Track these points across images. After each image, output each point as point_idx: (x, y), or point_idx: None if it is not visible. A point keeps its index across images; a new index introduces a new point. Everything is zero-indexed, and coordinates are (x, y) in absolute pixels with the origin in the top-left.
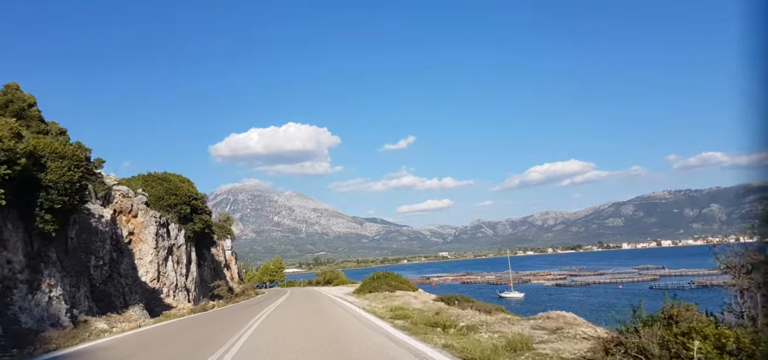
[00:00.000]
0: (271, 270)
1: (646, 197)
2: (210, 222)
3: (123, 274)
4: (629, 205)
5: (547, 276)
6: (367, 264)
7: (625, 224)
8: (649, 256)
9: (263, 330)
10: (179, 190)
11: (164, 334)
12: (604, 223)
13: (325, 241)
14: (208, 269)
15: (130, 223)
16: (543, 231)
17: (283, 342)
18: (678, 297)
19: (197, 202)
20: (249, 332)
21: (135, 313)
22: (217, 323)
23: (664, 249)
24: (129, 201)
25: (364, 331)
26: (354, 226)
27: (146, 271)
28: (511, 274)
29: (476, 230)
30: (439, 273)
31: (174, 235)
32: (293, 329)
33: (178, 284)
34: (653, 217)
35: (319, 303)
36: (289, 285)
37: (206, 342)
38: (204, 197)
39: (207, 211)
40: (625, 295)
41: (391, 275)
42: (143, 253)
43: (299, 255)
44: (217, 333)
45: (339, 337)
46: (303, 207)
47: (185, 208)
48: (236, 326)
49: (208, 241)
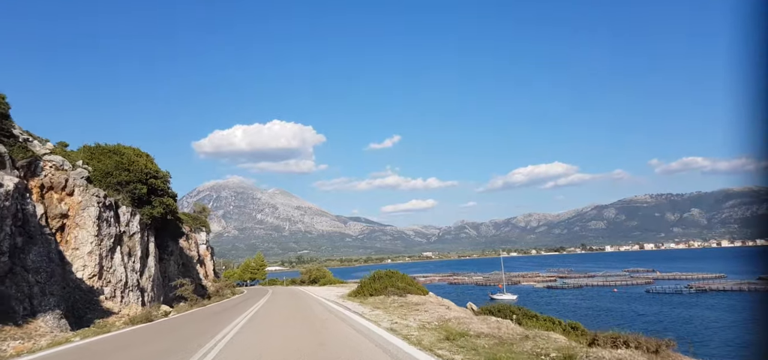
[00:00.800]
0: (252, 268)
1: (628, 201)
2: (174, 208)
3: (32, 269)
4: (611, 208)
5: (536, 277)
6: (351, 263)
7: (607, 227)
8: (634, 258)
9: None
10: (134, 165)
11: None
12: (586, 226)
13: (309, 240)
14: (175, 265)
15: (64, 203)
16: (526, 232)
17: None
18: (679, 302)
19: (157, 181)
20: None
21: (46, 325)
22: (139, 351)
23: (648, 252)
24: (62, 175)
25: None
26: (338, 225)
27: (83, 265)
28: (503, 276)
29: (460, 231)
30: (424, 273)
31: (125, 220)
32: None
33: (129, 282)
34: (635, 220)
35: (311, 311)
36: (271, 283)
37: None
38: (166, 176)
39: (171, 194)
40: (621, 299)
41: (397, 275)
42: (80, 241)
43: (282, 253)
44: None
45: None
46: (286, 205)
47: (141, 188)
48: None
49: (175, 230)
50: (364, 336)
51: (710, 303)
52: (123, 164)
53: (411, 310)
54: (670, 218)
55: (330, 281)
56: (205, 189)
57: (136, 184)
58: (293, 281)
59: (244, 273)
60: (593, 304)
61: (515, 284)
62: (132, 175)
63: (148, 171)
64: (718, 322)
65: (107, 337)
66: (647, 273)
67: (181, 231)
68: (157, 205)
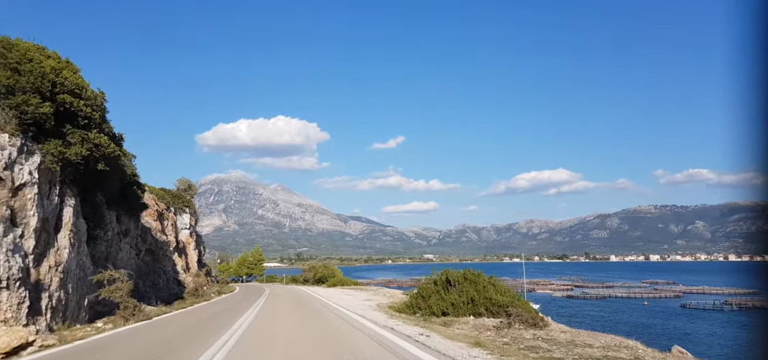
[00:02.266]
0: (249, 262)
1: (632, 211)
2: (115, 153)
3: None
4: (614, 217)
5: (551, 285)
6: (351, 263)
7: (610, 236)
8: (642, 269)
9: None
10: (34, 70)
11: None
12: (588, 235)
13: (309, 237)
14: (131, 251)
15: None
16: (527, 239)
17: None
18: (726, 321)
19: (78, 101)
20: None
21: None
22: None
23: (654, 263)
24: None
25: None
26: (338, 224)
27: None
28: (524, 284)
29: (461, 234)
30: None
31: (3, 157)
32: None
33: (11, 280)
34: (638, 231)
35: (348, 343)
36: (269, 280)
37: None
38: (101, 98)
39: (108, 132)
40: (656, 314)
41: (483, 280)
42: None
43: (281, 249)
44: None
45: None
46: (288, 201)
47: (39, 106)
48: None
49: (130, 195)
50: None
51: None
52: (10, 63)
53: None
54: (673, 230)
55: (340, 282)
56: (206, 182)
57: (31, 96)
58: (294, 279)
59: (241, 268)
60: (627, 318)
61: (530, 292)
62: (23, 82)
63: (61, 81)
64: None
65: None
66: (668, 285)
67: (139, 201)
68: (75, 142)
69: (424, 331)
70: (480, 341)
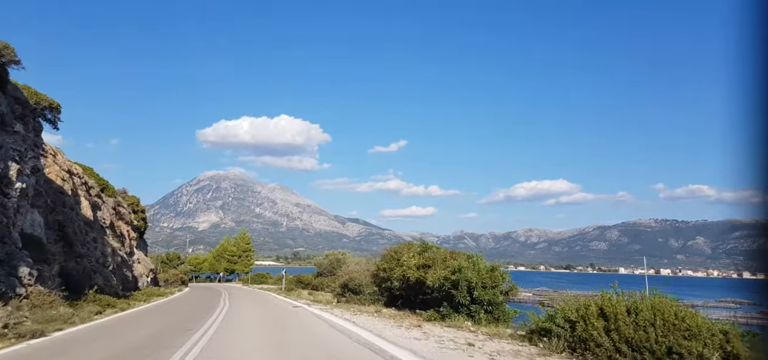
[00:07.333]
0: (230, 253)
1: (632, 223)
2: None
3: None
4: (614, 229)
5: None
6: None
7: (609, 248)
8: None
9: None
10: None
11: None
12: (587, 246)
13: (305, 238)
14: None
15: None
16: (526, 248)
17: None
18: None
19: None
20: None
21: None
22: None
23: (666, 277)
24: None
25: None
26: (336, 225)
27: None
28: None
29: (458, 241)
30: None
31: None
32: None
33: None
34: (638, 244)
35: None
36: (257, 281)
37: None
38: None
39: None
40: None
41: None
42: None
43: (278, 249)
44: None
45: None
46: (285, 201)
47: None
48: None
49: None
50: None
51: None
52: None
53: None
54: (674, 244)
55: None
56: (205, 178)
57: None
58: (298, 280)
59: (218, 261)
60: None
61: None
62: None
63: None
64: None
65: None
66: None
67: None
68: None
69: None
70: None
